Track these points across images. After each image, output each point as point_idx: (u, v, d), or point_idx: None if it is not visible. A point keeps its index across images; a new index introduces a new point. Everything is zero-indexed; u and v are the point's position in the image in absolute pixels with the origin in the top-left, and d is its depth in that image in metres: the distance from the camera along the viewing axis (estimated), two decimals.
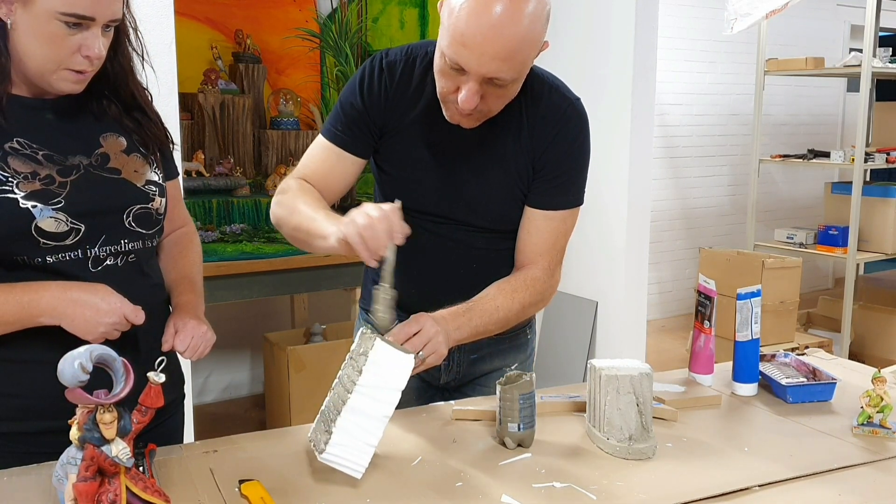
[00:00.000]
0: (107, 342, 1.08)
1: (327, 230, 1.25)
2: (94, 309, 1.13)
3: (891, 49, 4.56)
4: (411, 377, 1.16)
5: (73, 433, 0.95)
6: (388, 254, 1.18)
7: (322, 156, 1.47)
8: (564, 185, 1.45)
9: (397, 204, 1.21)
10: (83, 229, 1.16)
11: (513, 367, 1.58)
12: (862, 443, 1.28)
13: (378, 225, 1.16)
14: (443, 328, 1.29)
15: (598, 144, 1.49)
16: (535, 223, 1.45)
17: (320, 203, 1.38)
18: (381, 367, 1.14)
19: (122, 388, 0.95)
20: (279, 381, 3.41)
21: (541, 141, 1.41)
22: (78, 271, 1.17)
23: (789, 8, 3.78)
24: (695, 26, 5.55)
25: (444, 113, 1.36)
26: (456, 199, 1.44)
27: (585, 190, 1.49)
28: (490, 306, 1.39)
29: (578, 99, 1.45)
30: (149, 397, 1.00)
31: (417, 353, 1.23)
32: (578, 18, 3.44)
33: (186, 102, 3.22)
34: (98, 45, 1.14)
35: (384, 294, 1.21)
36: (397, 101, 1.42)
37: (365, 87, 1.42)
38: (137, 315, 1.18)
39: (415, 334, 1.25)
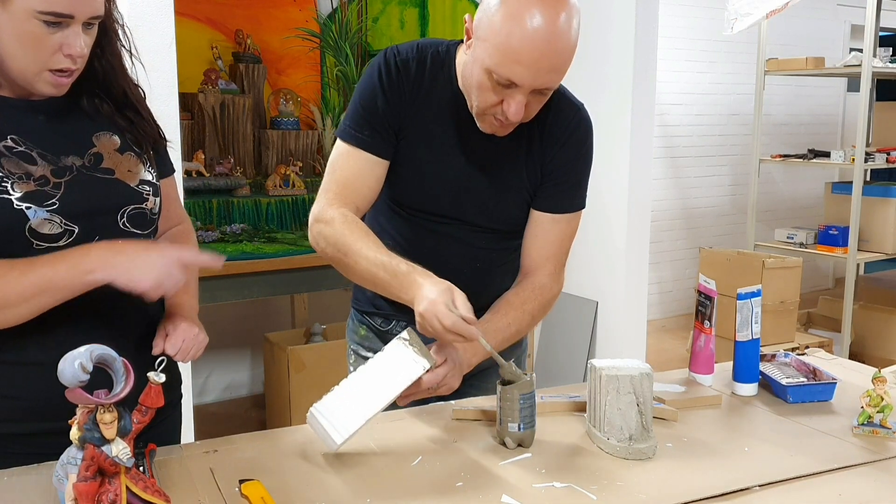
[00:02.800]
0: (106, 343, 1.08)
1: (402, 296, 1.30)
2: (144, 253, 1.12)
3: (891, 49, 4.56)
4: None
5: (74, 433, 0.95)
6: (484, 346, 1.25)
7: (349, 164, 1.43)
8: (572, 189, 1.49)
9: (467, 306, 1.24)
10: (77, 230, 1.15)
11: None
12: (862, 443, 1.28)
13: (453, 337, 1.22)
14: (460, 358, 1.35)
15: (598, 145, 1.52)
16: (543, 226, 1.48)
17: (378, 246, 1.35)
18: (397, 355, 1.24)
19: (122, 388, 0.95)
20: (279, 381, 3.41)
21: (551, 146, 1.45)
22: None
23: (789, 8, 3.78)
24: (695, 26, 5.55)
25: (479, 125, 1.37)
26: (465, 201, 1.45)
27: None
28: (502, 324, 1.42)
29: (583, 104, 1.50)
30: (149, 397, 1.00)
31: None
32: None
33: (186, 102, 3.22)
34: (79, 43, 1.12)
35: (505, 371, 1.25)
36: (413, 100, 1.42)
37: (386, 85, 1.40)
38: (198, 256, 1.20)
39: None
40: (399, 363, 1.23)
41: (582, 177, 1.50)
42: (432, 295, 1.22)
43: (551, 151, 1.45)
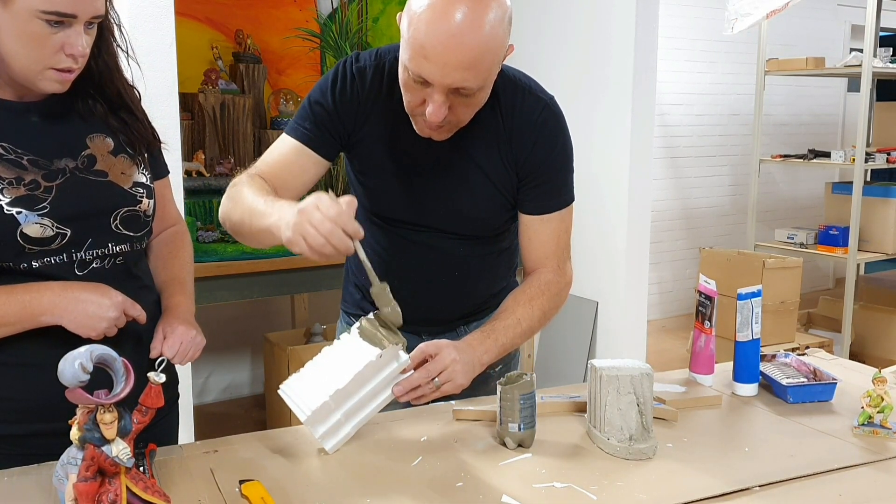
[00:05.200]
0: (106, 343, 1.08)
1: (269, 222, 1.19)
2: (95, 304, 1.13)
3: (891, 49, 4.56)
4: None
5: (74, 433, 0.95)
6: (358, 253, 1.17)
7: (284, 152, 1.42)
8: (555, 188, 1.45)
9: (353, 203, 1.14)
10: (69, 234, 1.15)
11: (497, 369, 1.56)
12: (862, 443, 1.28)
13: (331, 236, 1.10)
14: (468, 356, 1.31)
15: (598, 144, 1.51)
16: (535, 229, 1.46)
17: (265, 191, 1.30)
18: (358, 339, 1.24)
19: (122, 388, 0.95)
20: (280, 381, 3.40)
21: (521, 149, 1.40)
22: (64, 275, 1.16)
23: (790, 8, 3.78)
24: (695, 26, 5.55)
25: (413, 126, 1.35)
26: (436, 209, 1.43)
27: (583, 186, 1.50)
28: (512, 321, 1.40)
29: (552, 98, 1.44)
30: (149, 397, 1.00)
31: (433, 376, 1.27)
32: (579, 18, 3.44)
33: (187, 102, 3.22)
34: (81, 42, 1.12)
35: (376, 290, 1.24)
36: (368, 108, 1.40)
37: (337, 90, 1.39)
38: (136, 308, 1.18)
39: (433, 357, 1.28)
40: (362, 341, 1.23)
41: (562, 173, 1.45)
42: (316, 196, 1.14)
43: (523, 152, 1.40)
